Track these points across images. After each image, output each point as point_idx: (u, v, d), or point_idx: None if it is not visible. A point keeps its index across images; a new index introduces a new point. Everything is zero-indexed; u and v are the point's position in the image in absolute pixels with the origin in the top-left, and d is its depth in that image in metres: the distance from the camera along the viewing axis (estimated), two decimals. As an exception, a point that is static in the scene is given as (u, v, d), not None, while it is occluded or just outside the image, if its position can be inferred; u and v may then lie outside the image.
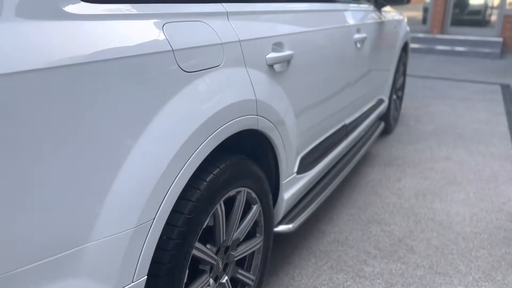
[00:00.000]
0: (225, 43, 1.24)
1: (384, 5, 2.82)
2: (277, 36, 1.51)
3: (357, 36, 2.29)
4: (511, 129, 3.98)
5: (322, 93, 1.93)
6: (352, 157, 2.61)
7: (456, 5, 9.11)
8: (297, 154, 1.80)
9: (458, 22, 9.17)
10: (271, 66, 1.47)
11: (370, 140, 2.97)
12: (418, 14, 9.75)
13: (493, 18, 8.96)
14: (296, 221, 1.84)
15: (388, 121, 3.60)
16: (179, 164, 1.05)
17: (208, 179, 1.20)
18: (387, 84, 3.29)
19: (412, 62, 7.65)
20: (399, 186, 2.82)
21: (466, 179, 2.94)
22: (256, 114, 1.36)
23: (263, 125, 1.42)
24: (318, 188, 2.15)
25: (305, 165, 1.89)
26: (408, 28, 3.70)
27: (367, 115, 2.85)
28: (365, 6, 2.62)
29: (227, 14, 1.31)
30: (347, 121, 2.45)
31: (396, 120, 3.92)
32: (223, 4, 1.32)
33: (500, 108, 4.71)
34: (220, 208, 1.29)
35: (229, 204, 1.40)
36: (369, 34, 2.54)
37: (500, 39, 8.27)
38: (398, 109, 3.93)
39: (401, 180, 2.91)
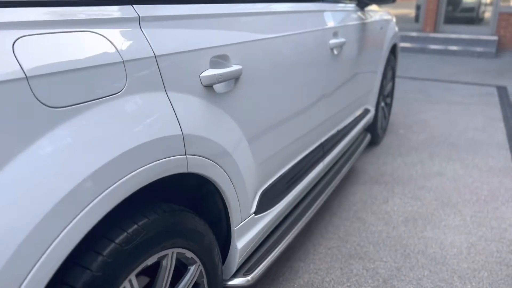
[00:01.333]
0: (129, 60, 0.89)
1: (367, 4, 2.48)
2: (219, 48, 1.16)
3: (333, 41, 1.94)
4: (510, 138, 3.66)
5: (286, 112, 1.59)
6: (332, 178, 2.27)
7: (449, 2, 8.79)
8: (255, 190, 1.46)
9: (451, 20, 8.86)
10: (208, 86, 1.12)
11: (354, 156, 2.63)
12: (411, 12, 9.43)
13: (488, 15, 8.66)
14: (256, 271, 1.50)
15: (375, 132, 3.26)
16: (47, 235, 0.71)
17: (106, 252, 0.86)
18: (373, 92, 2.95)
19: (404, 63, 7.33)
20: (387, 210, 2.49)
21: (461, 199, 2.61)
22: (184, 153, 1.01)
23: (197, 165, 1.07)
24: (288, 222, 1.80)
25: (267, 201, 1.55)
26: (396, 29, 3.36)
27: (349, 129, 2.51)
28: (343, 6, 2.28)
29: (139, 19, 0.96)
30: (324, 138, 2.11)
31: (384, 129, 3.58)
32: (136, 6, 0.97)
33: (497, 113, 4.39)
34: (132, 284, 0.95)
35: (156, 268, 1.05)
36: (349, 38, 2.20)
37: (495, 38, 7.97)
38: (386, 117, 3.60)
39: (389, 202, 2.58)
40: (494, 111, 4.45)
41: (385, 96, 3.46)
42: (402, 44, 8.32)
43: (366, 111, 2.89)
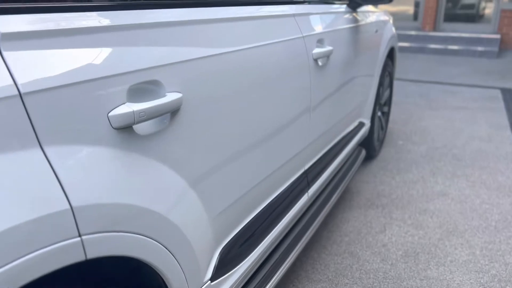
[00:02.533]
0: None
1: (360, 5, 2.14)
2: (143, 71, 0.83)
3: (317, 50, 1.61)
4: (519, 149, 3.33)
5: (251, 145, 1.26)
6: (321, 209, 1.94)
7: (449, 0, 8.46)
8: (211, 250, 1.13)
9: (451, 17, 8.53)
10: (124, 128, 0.79)
11: (347, 178, 2.31)
12: (409, 9, 9.07)
13: (489, 12, 8.32)
14: None
15: (371, 145, 2.93)
16: None
17: None
18: (368, 102, 2.62)
19: (403, 64, 6.99)
20: (384, 241, 2.16)
21: (469, 226, 2.29)
22: (77, 234, 0.68)
23: (105, 245, 0.74)
24: (266, 268, 1.47)
25: (231, 259, 1.22)
26: (394, 31, 3.03)
27: (340, 148, 2.19)
28: (331, 8, 1.95)
29: (-1, 38, 0.63)
30: (308, 165, 1.78)
31: (381, 141, 3.25)
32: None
33: (503, 119, 4.06)
34: None
35: None
36: (338, 45, 1.86)
37: (497, 36, 7.64)
38: (384, 127, 3.27)
39: (386, 231, 2.25)
40: (500, 117, 4.12)
41: (382, 104, 3.13)
42: (401, 44, 7.98)
43: (361, 125, 2.56)
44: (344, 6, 2.13)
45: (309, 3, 1.80)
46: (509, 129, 3.78)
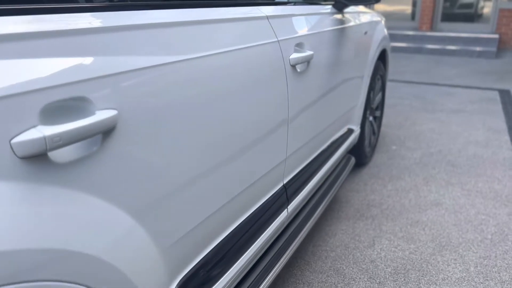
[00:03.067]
0: None
1: (346, 5, 2.01)
2: (62, 87, 0.70)
3: (296, 55, 1.48)
4: (517, 154, 3.20)
5: (212, 160, 1.12)
6: (304, 223, 1.82)
7: (446, -1, 8.33)
8: (167, 282, 1.00)
9: (449, 17, 8.40)
10: (34, 157, 0.66)
11: (334, 189, 2.18)
12: (407, 8, 8.93)
13: (487, 11, 8.18)
14: None
15: (361, 152, 2.80)
16: None
17: None
18: (358, 108, 2.49)
19: (399, 64, 6.86)
20: (372, 257, 2.03)
21: (463, 239, 2.16)
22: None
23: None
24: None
25: (196, 287, 1.09)
26: (386, 32, 2.90)
27: (326, 157, 2.05)
28: (313, 9, 1.82)
29: None
30: (288, 179, 1.64)
31: (373, 147, 3.12)
32: None
33: (501, 122, 3.93)
34: None
35: None
36: (320, 49, 1.73)
37: (495, 36, 7.50)
38: (376, 132, 3.13)
39: (375, 245, 2.12)
40: (498, 120, 3.99)
41: (374, 109, 3.00)
42: (397, 44, 7.85)
43: (349, 132, 2.43)
44: (329, 7, 2.00)
45: (289, 4, 1.67)
46: (507, 133, 3.65)
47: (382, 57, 3.02)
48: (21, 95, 0.64)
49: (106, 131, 0.76)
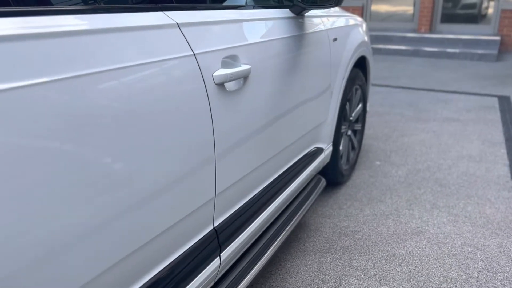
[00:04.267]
0: None
1: (304, 9, 1.72)
2: None
3: (223, 71, 1.20)
4: (513, 171, 2.90)
5: (103, 204, 0.85)
6: (256, 261, 1.54)
7: (446, -1, 8.01)
8: None
9: (449, 18, 8.07)
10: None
11: (297, 216, 1.91)
12: (408, 9, 8.58)
13: (489, 12, 7.85)
14: None
15: (336, 171, 2.51)
16: None
17: None
18: (327, 124, 2.20)
19: (394, 68, 6.56)
20: (335, 302, 1.74)
21: (445, 278, 1.86)
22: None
23: None
24: None
25: None
26: (365, 38, 2.61)
27: (283, 184, 1.77)
28: (259, 13, 1.53)
29: None
30: (219, 220, 1.36)
31: (353, 164, 2.83)
32: None
33: (498, 133, 3.62)
34: None
35: None
36: (265, 61, 1.45)
37: (497, 38, 7.17)
38: (356, 147, 2.84)
39: (342, 286, 1.83)
40: (495, 131, 3.68)
41: (353, 122, 2.71)
42: (393, 47, 7.53)
43: (317, 151, 2.14)
44: (286, 11, 1.72)
45: (232, 8, 1.40)
46: (503, 146, 3.34)
47: (362, 65, 2.73)
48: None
49: None
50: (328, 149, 2.26)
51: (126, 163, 0.91)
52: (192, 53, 1.11)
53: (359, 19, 2.78)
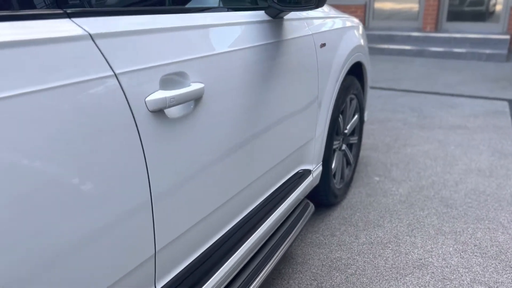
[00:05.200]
0: None
1: (282, 11, 1.44)
2: None
3: (160, 95, 0.92)
4: (528, 189, 2.60)
5: None
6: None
7: (453, -4, 7.67)
8: None
9: (455, 16, 7.73)
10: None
11: (281, 249, 1.64)
12: (413, 7, 8.22)
13: (497, 9, 7.50)
14: None
15: (328, 193, 2.23)
16: None
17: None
18: (315, 143, 1.92)
19: (397, 69, 6.25)
20: None
21: (451, 328, 1.58)
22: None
23: None
24: None
25: None
26: (361, 42, 2.32)
27: (258, 220, 1.49)
28: (224, 17, 1.26)
29: None
30: (165, 281, 1.08)
31: (348, 182, 2.54)
32: None
33: (509, 142, 3.32)
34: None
35: None
36: (227, 77, 1.17)
37: (506, 37, 6.84)
38: (352, 163, 2.55)
39: (329, 337, 1.55)
40: (506, 139, 3.38)
41: (347, 135, 2.42)
42: (397, 47, 7.22)
43: (304, 174, 1.86)
44: (259, 13, 1.44)
45: (191, 12, 1.12)
46: (516, 158, 3.04)
47: (357, 72, 2.45)
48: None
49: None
50: (316, 170, 1.98)
51: (28, 224, 0.64)
52: (112, 73, 0.83)
53: (355, 20, 2.49)
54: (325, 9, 2.11)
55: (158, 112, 0.93)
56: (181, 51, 1.01)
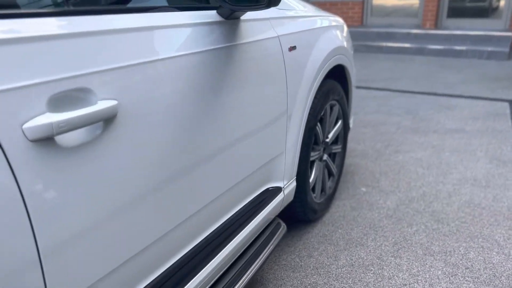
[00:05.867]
0: None
1: (233, 11, 1.24)
2: None
3: (45, 120, 0.73)
4: (527, 201, 2.40)
5: None
6: None
7: (454, -8, 7.43)
8: None
9: (456, 12, 7.49)
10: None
11: (245, 277, 1.45)
12: (414, 3, 7.98)
13: (501, 4, 7.26)
14: None
15: (305, 208, 2.03)
16: None
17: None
18: (286, 155, 1.73)
19: (395, 68, 6.03)
20: None
21: None
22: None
23: None
24: None
25: None
26: (344, 43, 2.12)
27: (208, 252, 1.30)
28: (163, 18, 1.06)
29: None
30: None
31: (330, 195, 2.34)
32: None
33: (509, 148, 3.11)
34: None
35: None
36: (150, 92, 0.98)
37: (509, 34, 6.60)
38: (335, 173, 2.36)
39: None
40: (505, 145, 3.17)
41: (329, 144, 2.23)
42: (395, 44, 6.99)
43: (273, 192, 1.67)
44: (213, 14, 1.24)
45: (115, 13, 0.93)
46: (515, 165, 2.83)
47: (339, 76, 2.25)
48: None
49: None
50: (289, 186, 1.78)
51: None
52: None
53: (339, 20, 2.29)
54: (301, 7, 1.91)
55: (44, 141, 0.74)
56: (84, 62, 0.82)
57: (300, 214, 2.04)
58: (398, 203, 2.39)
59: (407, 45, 6.88)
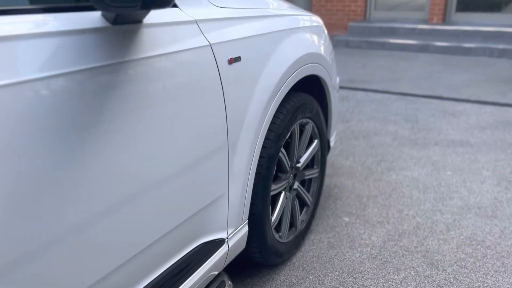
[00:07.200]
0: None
1: (103, 10, 0.85)
2: None
3: None
4: (542, 239, 1.99)
5: None
6: None
7: (463, -16, 6.94)
8: None
9: (466, 6, 6.99)
10: None
11: None
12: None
13: (513, 0, 6.76)
14: None
15: (266, 253, 1.65)
16: None
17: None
18: (231, 197, 1.34)
19: (397, 67, 5.58)
20: None
21: None
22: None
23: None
24: None
25: None
26: (320, 49, 1.73)
27: None
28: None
29: None
30: None
31: (303, 230, 1.95)
32: None
33: (520, 166, 2.69)
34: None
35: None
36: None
37: (522, 30, 6.12)
38: (310, 203, 1.97)
39: None
40: (516, 163, 2.75)
41: (301, 169, 1.84)
42: (399, 41, 6.52)
43: (212, 246, 1.29)
44: (91, 16, 0.85)
45: None
46: (527, 189, 2.42)
47: (313, 88, 1.85)
48: None
49: None
50: (236, 234, 1.40)
51: None
52: None
53: (315, 20, 1.90)
54: (259, 4, 1.51)
55: None
56: None
57: (259, 260, 1.66)
58: (386, 239, 2.00)
59: (411, 41, 6.42)
